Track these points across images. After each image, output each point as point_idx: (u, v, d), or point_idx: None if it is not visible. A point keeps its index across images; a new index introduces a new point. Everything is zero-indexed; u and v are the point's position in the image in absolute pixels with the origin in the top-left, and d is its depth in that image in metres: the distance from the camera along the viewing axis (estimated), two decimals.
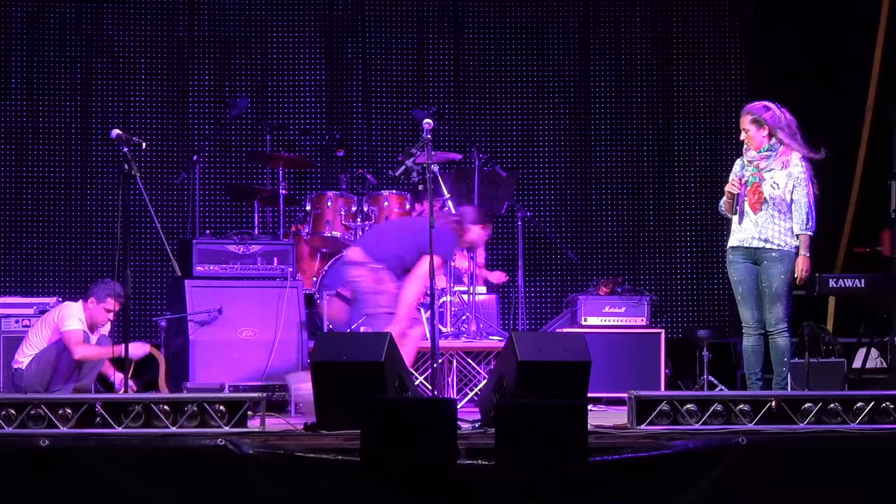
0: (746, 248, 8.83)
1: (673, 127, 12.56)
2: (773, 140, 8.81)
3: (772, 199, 8.76)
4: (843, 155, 12.06)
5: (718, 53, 12.58)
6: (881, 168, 11.85)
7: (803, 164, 8.81)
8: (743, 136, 8.85)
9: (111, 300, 9.76)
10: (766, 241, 8.77)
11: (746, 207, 8.81)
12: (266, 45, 12.42)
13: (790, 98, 11.92)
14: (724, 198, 8.92)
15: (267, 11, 12.43)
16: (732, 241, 8.91)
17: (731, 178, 8.90)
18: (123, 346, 8.60)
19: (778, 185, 8.75)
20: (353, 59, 12.49)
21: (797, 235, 8.76)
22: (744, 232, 8.83)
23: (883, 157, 11.83)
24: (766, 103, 8.90)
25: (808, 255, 8.77)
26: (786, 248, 8.77)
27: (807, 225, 8.77)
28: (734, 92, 12.47)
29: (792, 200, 8.77)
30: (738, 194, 8.80)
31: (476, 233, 9.68)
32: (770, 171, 8.79)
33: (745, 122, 8.86)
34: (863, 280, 10.09)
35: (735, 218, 8.89)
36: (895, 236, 11.61)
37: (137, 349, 9.54)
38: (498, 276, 11.28)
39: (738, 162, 8.94)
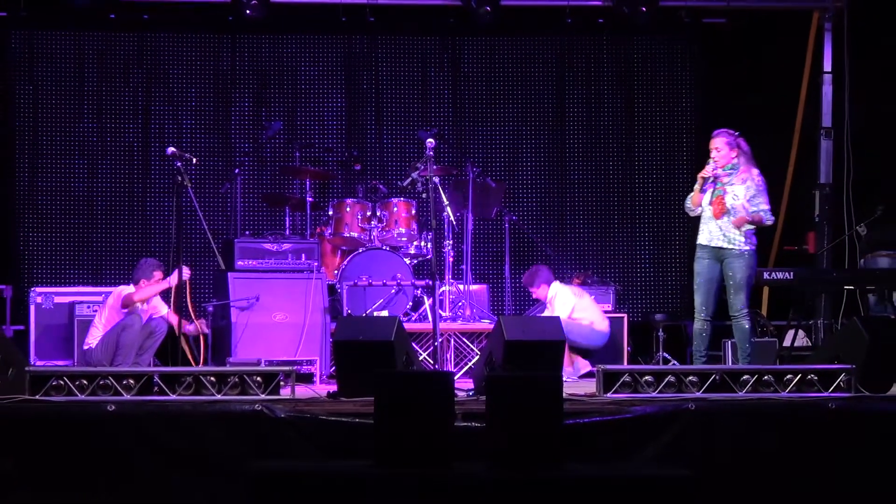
0: (713, 247, 8.90)
1: (634, 146, 12.54)
2: (735, 160, 8.88)
3: (732, 208, 8.85)
4: (775, 168, 12.07)
5: (672, 84, 12.57)
6: (807, 180, 11.87)
7: (760, 178, 8.92)
8: (715, 153, 8.89)
9: (157, 274, 9.74)
10: (730, 242, 8.84)
11: (710, 214, 8.87)
12: (296, 77, 12.40)
13: (729, 122, 12.00)
14: (693, 193, 8.93)
15: (297, 49, 12.41)
16: (701, 239, 8.99)
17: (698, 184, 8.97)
18: (170, 276, 8.79)
19: (738, 196, 8.87)
20: (368, 90, 12.47)
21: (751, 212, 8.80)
22: (710, 234, 8.90)
23: (808, 171, 11.86)
24: (731, 131, 9.00)
25: (748, 220, 8.78)
26: (745, 248, 8.86)
27: (763, 213, 8.79)
28: (685, 116, 12.46)
29: (755, 209, 8.82)
30: (707, 178, 8.83)
31: None
32: (731, 185, 8.88)
33: (720, 142, 8.94)
34: (791, 273, 10.10)
35: (703, 217, 8.92)
36: (818, 237, 11.64)
37: (183, 273, 9.47)
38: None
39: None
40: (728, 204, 8.83)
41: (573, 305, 10.20)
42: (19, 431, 7.02)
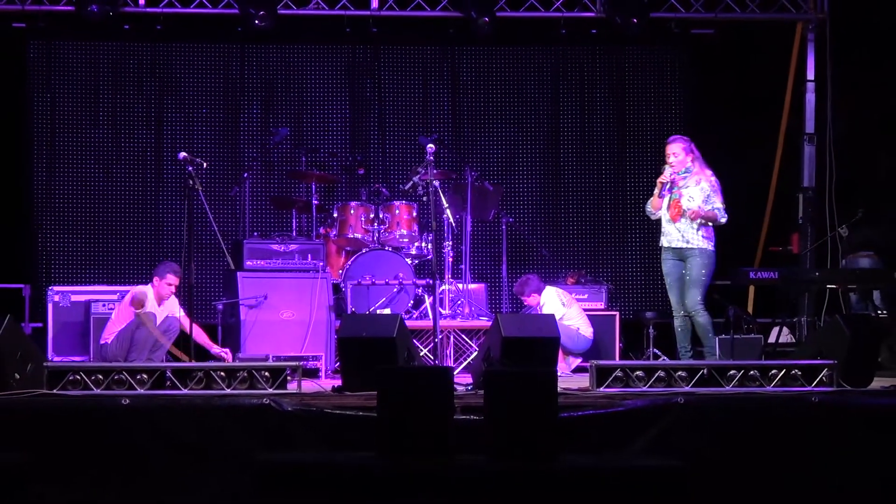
0: (674, 248, 8.97)
1: (626, 151, 12.55)
2: (689, 164, 8.93)
3: (689, 209, 8.88)
4: (761, 173, 12.08)
5: (661, 92, 12.58)
6: (791, 183, 11.88)
7: (713, 179, 8.94)
8: (672, 159, 8.96)
9: (170, 275, 9.78)
10: (687, 242, 8.90)
11: (669, 217, 8.93)
12: (302, 85, 12.41)
13: (717, 128, 12.05)
14: (652, 198, 9.00)
15: (303, 58, 12.43)
16: (663, 242, 9.06)
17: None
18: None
19: (693, 198, 8.92)
20: (371, 97, 12.48)
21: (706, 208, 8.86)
22: (670, 236, 8.99)
23: (792, 175, 11.87)
24: (686, 138, 9.10)
25: (700, 212, 8.85)
26: (703, 247, 8.90)
27: (717, 211, 8.82)
28: (673, 122, 12.46)
29: (710, 207, 8.85)
30: (666, 183, 8.89)
31: None
32: (686, 188, 8.92)
33: (678, 148, 9.01)
34: (776, 273, 10.10)
35: (662, 221, 9.00)
36: (802, 238, 11.64)
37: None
38: None
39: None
40: (684, 206, 8.92)
41: (562, 314, 10.21)
42: (38, 424, 7.02)
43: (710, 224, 8.98)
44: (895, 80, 11.53)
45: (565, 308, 10.36)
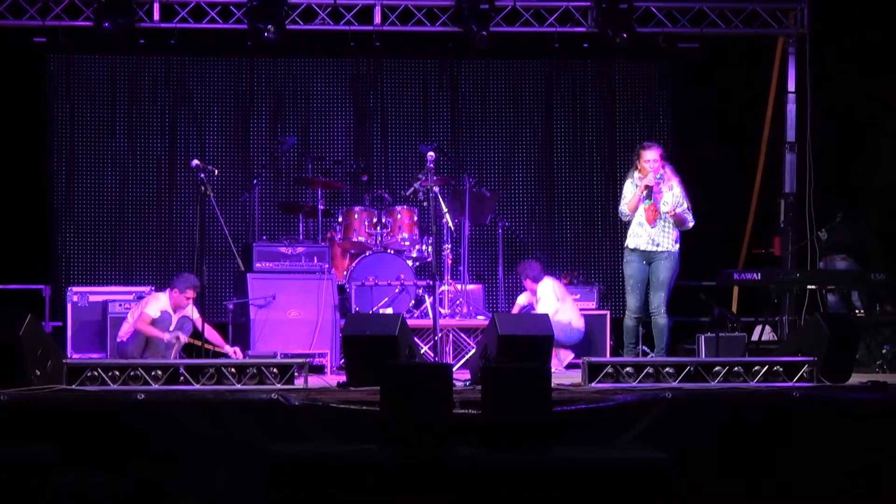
0: (642, 251, 8.96)
1: (616, 159, 12.54)
2: (662, 171, 8.96)
3: (665, 213, 8.89)
4: (744, 179, 12.08)
5: (649, 102, 12.58)
6: (772, 189, 11.88)
7: (681, 185, 8.96)
8: (649, 165, 8.96)
9: (189, 290, 9.81)
10: (657, 245, 8.91)
11: (644, 220, 8.92)
12: (308, 96, 12.41)
13: (703, 137, 12.04)
14: (630, 198, 8.97)
15: (309, 71, 12.43)
16: (630, 243, 9.03)
17: (629, 191, 9.00)
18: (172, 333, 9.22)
19: (667, 202, 8.92)
20: (374, 107, 12.48)
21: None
22: (640, 238, 8.98)
23: (774, 181, 11.86)
24: (660, 145, 9.17)
25: (677, 212, 8.90)
26: (672, 250, 8.92)
27: (688, 215, 8.90)
28: (661, 131, 12.45)
29: (681, 210, 8.90)
30: (650, 186, 8.88)
31: None
32: (661, 193, 8.93)
33: (656, 154, 9.02)
34: (759, 274, 10.10)
35: (634, 222, 8.98)
36: (783, 241, 11.64)
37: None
38: None
39: (630, 182, 9.02)
40: (661, 210, 8.93)
41: (556, 308, 10.21)
42: (58, 418, 7.02)
43: (679, 227, 9.00)
44: (870, 91, 11.54)
45: (559, 303, 10.35)
